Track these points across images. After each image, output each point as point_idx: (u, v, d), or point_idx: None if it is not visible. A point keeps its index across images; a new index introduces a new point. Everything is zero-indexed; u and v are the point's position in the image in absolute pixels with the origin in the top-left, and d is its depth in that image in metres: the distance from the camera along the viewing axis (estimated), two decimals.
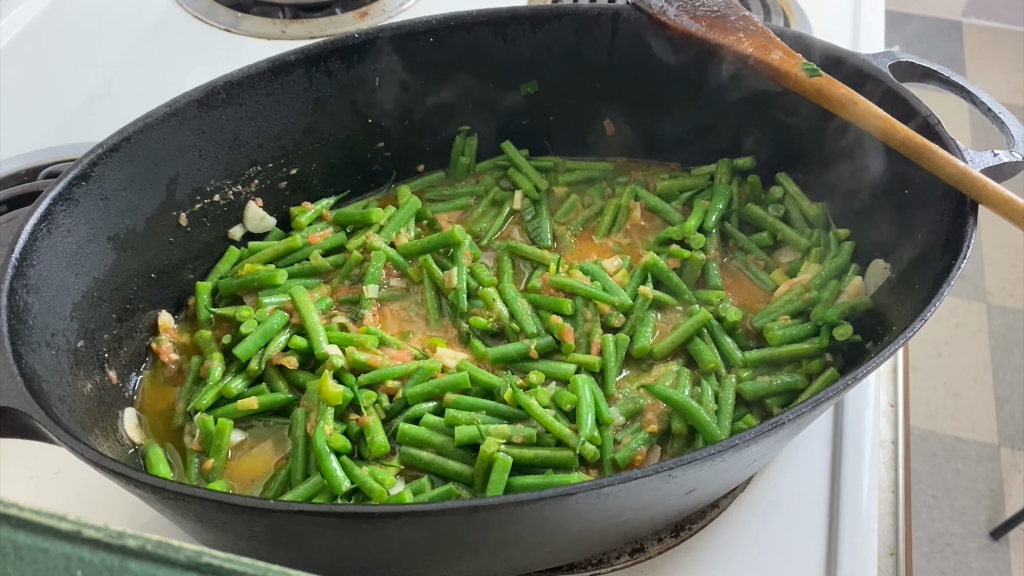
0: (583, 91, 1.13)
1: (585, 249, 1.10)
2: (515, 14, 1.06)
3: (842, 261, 1.02)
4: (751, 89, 1.04)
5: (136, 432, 0.90)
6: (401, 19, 1.08)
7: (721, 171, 1.13)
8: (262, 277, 0.99)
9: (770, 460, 0.93)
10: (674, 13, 1.02)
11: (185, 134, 0.94)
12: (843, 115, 0.93)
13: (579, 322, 0.98)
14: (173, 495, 0.62)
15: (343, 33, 1.02)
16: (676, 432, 0.88)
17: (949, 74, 0.99)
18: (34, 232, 0.80)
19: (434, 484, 0.85)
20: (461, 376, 0.91)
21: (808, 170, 1.09)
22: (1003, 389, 2.68)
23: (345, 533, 0.67)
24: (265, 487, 0.87)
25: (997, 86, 3.75)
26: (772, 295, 1.04)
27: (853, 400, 1.02)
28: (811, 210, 1.08)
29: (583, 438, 0.84)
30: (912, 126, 0.92)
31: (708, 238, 1.06)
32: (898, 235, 0.96)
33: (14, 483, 0.89)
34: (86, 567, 0.34)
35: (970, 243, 0.82)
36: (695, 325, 0.96)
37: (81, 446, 0.63)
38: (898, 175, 0.95)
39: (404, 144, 1.13)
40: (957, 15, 4.10)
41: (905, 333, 0.73)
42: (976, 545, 2.32)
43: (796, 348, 0.94)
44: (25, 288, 0.78)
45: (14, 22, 1.46)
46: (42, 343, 0.78)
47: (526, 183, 1.13)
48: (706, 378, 0.93)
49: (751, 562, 0.89)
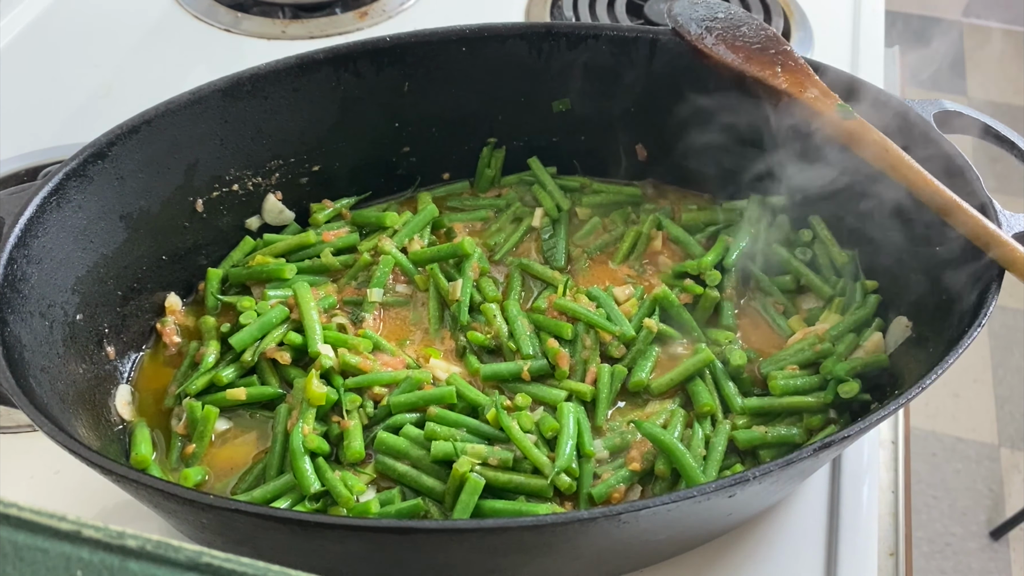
0: (616, 113, 1.11)
1: (599, 274, 1.07)
2: (551, 30, 1.05)
3: (864, 314, 0.97)
4: (789, 126, 1.00)
5: (127, 409, 0.92)
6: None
7: (751, 208, 1.09)
8: (271, 270, 1.00)
9: (751, 514, 0.88)
10: (712, 42, 0.99)
11: (207, 122, 0.96)
12: (873, 162, 0.89)
13: (578, 348, 0.96)
14: (118, 477, 0.63)
15: (375, 36, 1.02)
16: (659, 474, 0.85)
17: (998, 127, 0.94)
18: (43, 205, 0.82)
19: (405, 496, 0.84)
20: (448, 390, 0.89)
21: (842, 215, 1.05)
22: (1003, 389, 2.67)
23: (288, 537, 0.66)
24: (240, 478, 0.88)
25: (997, 86, 3.69)
26: (787, 342, 0.99)
27: None
28: (840, 257, 1.03)
29: (558, 468, 0.82)
30: (948, 180, 0.87)
31: (726, 276, 1.03)
32: (923, 293, 0.91)
33: (14, 483, 0.91)
34: (86, 567, 0.34)
35: (989, 312, 0.77)
36: (697, 365, 0.93)
37: (36, 414, 0.64)
38: (932, 230, 0.90)
39: (430, 151, 1.12)
40: (957, 15, 4.03)
41: (891, 405, 0.69)
42: (976, 545, 2.31)
43: (798, 400, 0.90)
44: (26, 258, 0.80)
45: (14, 22, 1.47)
46: (36, 312, 0.80)
47: (548, 201, 1.11)
48: (700, 421, 0.90)
49: (751, 562, 0.87)
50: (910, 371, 0.86)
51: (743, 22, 1.01)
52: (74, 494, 0.90)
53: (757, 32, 1.00)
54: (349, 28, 1.49)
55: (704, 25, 1.01)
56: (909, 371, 0.87)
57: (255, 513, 0.62)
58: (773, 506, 0.91)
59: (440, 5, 1.55)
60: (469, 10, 1.50)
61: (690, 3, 1.03)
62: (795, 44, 1.49)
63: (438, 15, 1.52)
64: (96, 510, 0.89)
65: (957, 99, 0.86)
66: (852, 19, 1.57)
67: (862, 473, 0.94)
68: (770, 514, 0.91)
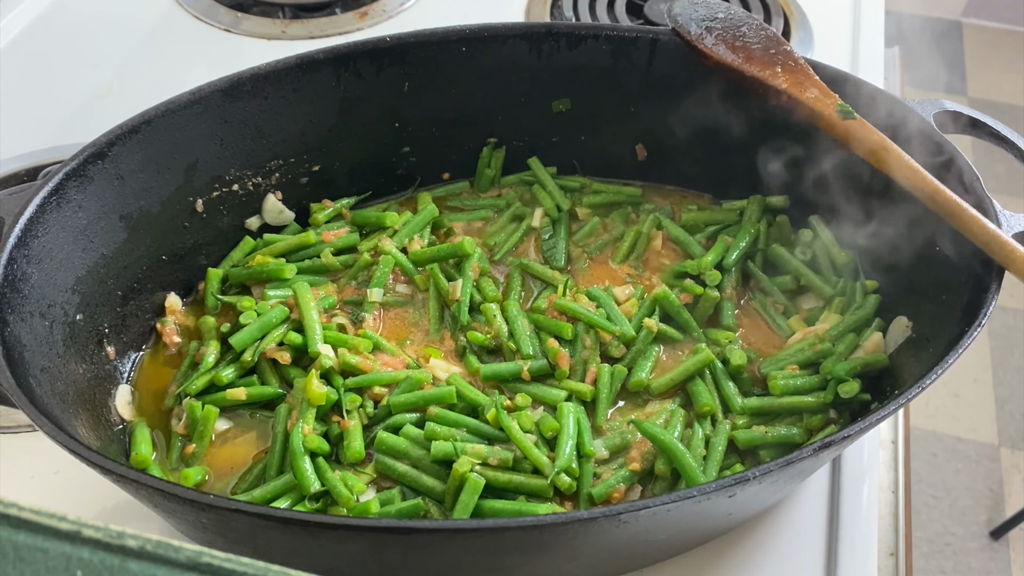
0: (616, 113, 1.11)
1: (599, 274, 1.07)
2: (551, 30, 1.05)
3: (864, 314, 0.97)
4: (790, 125, 1.00)
5: (127, 409, 0.92)
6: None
7: (751, 208, 1.09)
8: (271, 270, 1.00)
9: (751, 514, 0.88)
10: (712, 42, 0.99)
11: (207, 122, 0.96)
12: (873, 162, 0.89)
13: (578, 348, 0.96)
14: (118, 477, 0.63)
15: (375, 36, 1.02)
16: (659, 473, 0.85)
17: (998, 127, 0.94)
18: (43, 205, 0.82)
19: (405, 496, 0.84)
20: (448, 390, 0.89)
21: (843, 216, 1.05)
22: (1003, 389, 2.67)
23: (288, 537, 0.66)
24: (241, 478, 0.88)
25: (997, 86, 3.69)
26: (787, 341, 0.99)
27: None
28: (840, 257, 1.03)
29: (558, 468, 0.82)
30: (948, 180, 0.87)
31: (726, 276, 1.03)
32: (924, 293, 0.91)
33: (14, 483, 0.91)
34: (86, 567, 0.34)
35: (989, 312, 0.77)
36: (697, 364, 0.93)
37: (36, 414, 0.64)
38: (932, 230, 0.90)
39: (430, 150, 1.12)
40: (957, 15, 4.04)
41: (891, 405, 0.69)
42: (976, 545, 2.31)
43: (797, 400, 0.90)
44: (26, 258, 0.80)
45: (14, 22, 1.47)
46: (36, 313, 0.80)
47: (548, 201, 1.11)
48: (700, 421, 0.90)
49: (751, 562, 0.87)
50: (910, 371, 0.86)
51: (743, 22, 1.01)
52: (74, 494, 0.90)
53: (757, 32, 1.01)
54: (349, 28, 1.49)
55: (704, 25, 1.01)
56: (909, 371, 0.87)
57: (255, 513, 0.62)
58: (773, 506, 0.91)
59: (440, 5, 1.55)
60: (469, 10, 1.50)
61: (690, 3, 1.03)
62: (795, 44, 1.49)
63: (438, 15, 1.53)
64: (96, 510, 0.89)
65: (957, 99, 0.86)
66: (852, 19, 1.57)
67: (862, 473, 0.94)
68: (770, 514, 0.91)
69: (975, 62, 3.85)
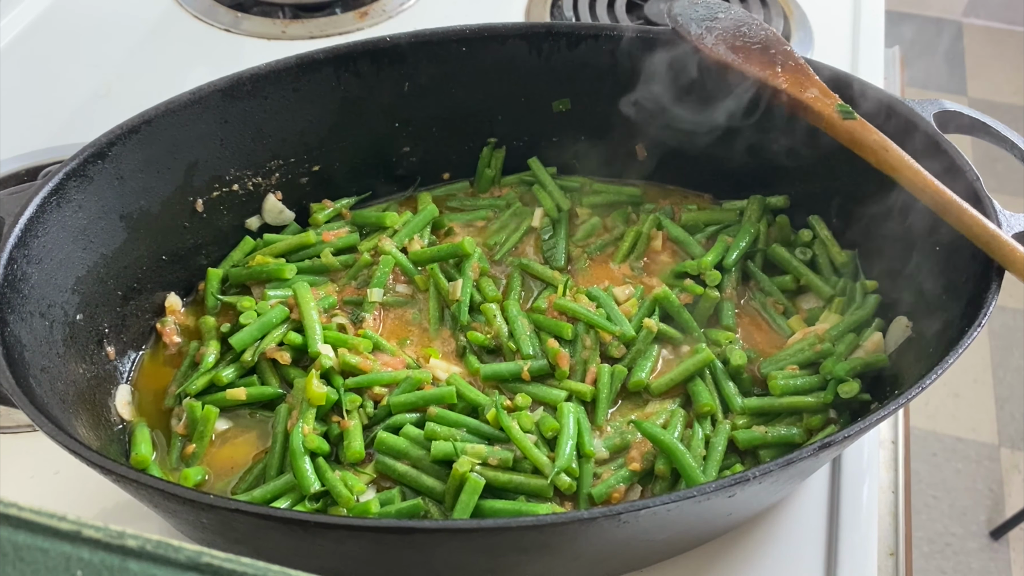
0: (616, 113, 1.11)
1: (599, 274, 1.07)
2: (551, 30, 1.05)
3: (864, 314, 0.97)
4: (791, 126, 1.00)
5: (127, 409, 0.92)
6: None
7: (751, 207, 1.09)
8: (271, 270, 1.00)
9: (751, 514, 0.89)
10: (712, 42, 0.99)
11: (207, 122, 0.96)
12: (873, 162, 0.89)
13: (578, 348, 0.96)
14: (118, 477, 0.63)
15: (375, 36, 1.02)
16: (659, 474, 0.85)
17: (998, 127, 0.94)
18: (43, 205, 0.82)
19: (405, 496, 0.84)
20: (448, 390, 0.89)
21: (842, 216, 1.05)
22: (1003, 389, 2.67)
23: (288, 537, 0.66)
24: (241, 478, 0.88)
25: (997, 86, 3.70)
26: (787, 341, 0.99)
27: None
28: (840, 257, 1.03)
29: (558, 468, 0.82)
30: (949, 180, 0.87)
31: (726, 276, 1.03)
32: (923, 293, 0.91)
33: (14, 483, 0.91)
34: (86, 567, 0.34)
35: (989, 312, 0.77)
36: (697, 364, 0.93)
37: (36, 414, 0.64)
38: (933, 230, 0.90)
39: (431, 150, 1.12)
40: (957, 15, 4.05)
41: (891, 405, 0.69)
42: (976, 545, 2.31)
43: (797, 400, 0.90)
44: (26, 258, 0.80)
45: (14, 22, 1.47)
46: (36, 313, 0.80)
47: (548, 201, 1.11)
48: (700, 421, 0.90)
49: (751, 562, 0.87)
50: (910, 371, 0.86)
51: (743, 22, 1.01)
52: (74, 494, 0.90)
53: (757, 32, 1.00)
54: (349, 28, 1.49)
55: (704, 25, 1.01)
56: (909, 371, 0.87)
57: (255, 513, 0.62)
58: (773, 506, 0.91)
59: (440, 5, 1.55)
60: (469, 10, 1.50)
61: (690, 3, 1.03)
62: (795, 44, 1.49)
63: (438, 15, 1.53)
64: (96, 510, 0.89)
65: (957, 99, 0.86)
66: (852, 19, 1.57)
67: (862, 473, 0.94)
68: (770, 514, 0.91)
69: (975, 62, 3.85)
